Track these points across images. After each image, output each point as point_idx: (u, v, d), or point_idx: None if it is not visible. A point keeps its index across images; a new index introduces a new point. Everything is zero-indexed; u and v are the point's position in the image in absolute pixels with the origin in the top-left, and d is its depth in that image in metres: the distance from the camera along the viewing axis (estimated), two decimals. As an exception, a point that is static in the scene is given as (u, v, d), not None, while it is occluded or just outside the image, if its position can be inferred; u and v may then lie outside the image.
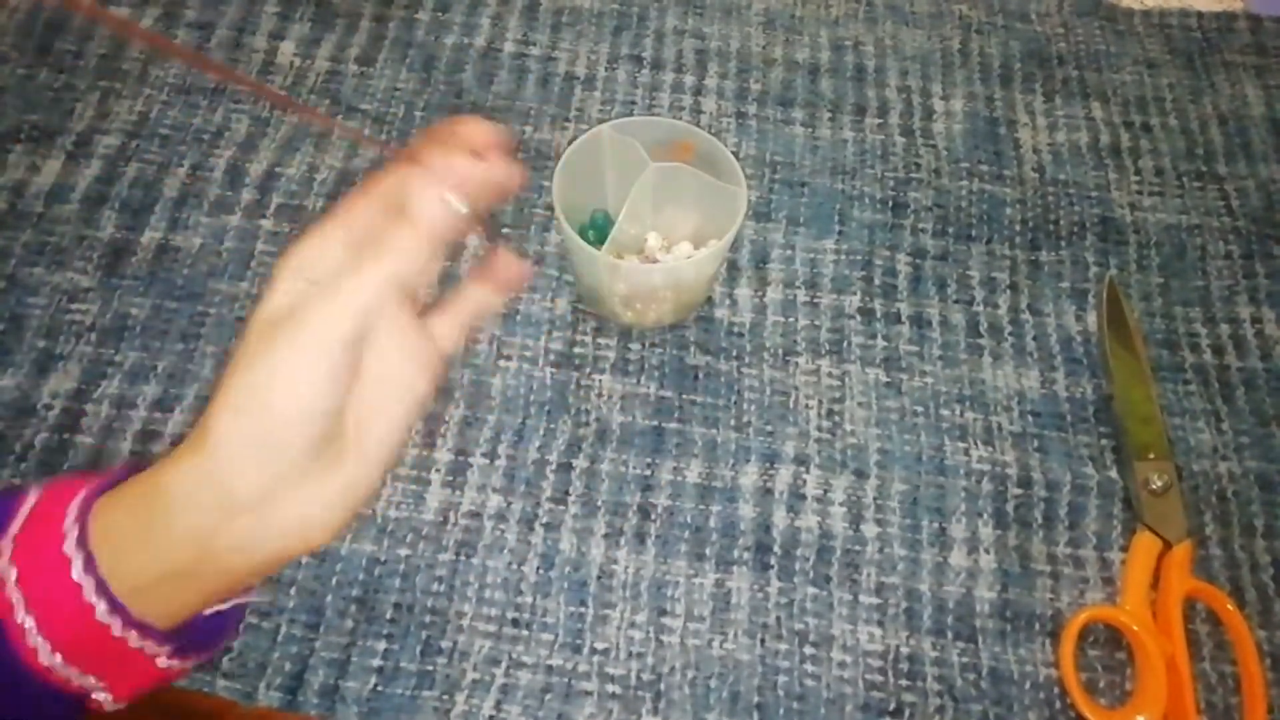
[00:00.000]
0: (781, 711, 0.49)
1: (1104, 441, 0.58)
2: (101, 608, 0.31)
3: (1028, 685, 0.50)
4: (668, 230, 0.59)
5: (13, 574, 0.31)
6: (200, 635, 0.35)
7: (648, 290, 0.56)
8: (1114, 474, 0.57)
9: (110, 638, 0.31)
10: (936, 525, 0.55)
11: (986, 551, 0.54)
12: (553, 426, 0.56)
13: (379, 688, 0.49)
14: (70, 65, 0.68)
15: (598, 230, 0.59)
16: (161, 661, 0.33)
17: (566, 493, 0.55)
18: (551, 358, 0.59)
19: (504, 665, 0.50)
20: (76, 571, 0.31)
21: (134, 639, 0.32)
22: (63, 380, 0.56)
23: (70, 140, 0.65)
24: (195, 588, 0.33)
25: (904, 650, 0.51)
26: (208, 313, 0.59)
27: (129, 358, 0.57)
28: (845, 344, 0.60)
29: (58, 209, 0.62)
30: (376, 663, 0.49)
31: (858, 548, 0.54)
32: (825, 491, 0.55)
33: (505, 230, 0.63)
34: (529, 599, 0.51)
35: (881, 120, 0.70)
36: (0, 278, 0.59)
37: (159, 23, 0.71)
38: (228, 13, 0.72)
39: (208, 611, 0.34)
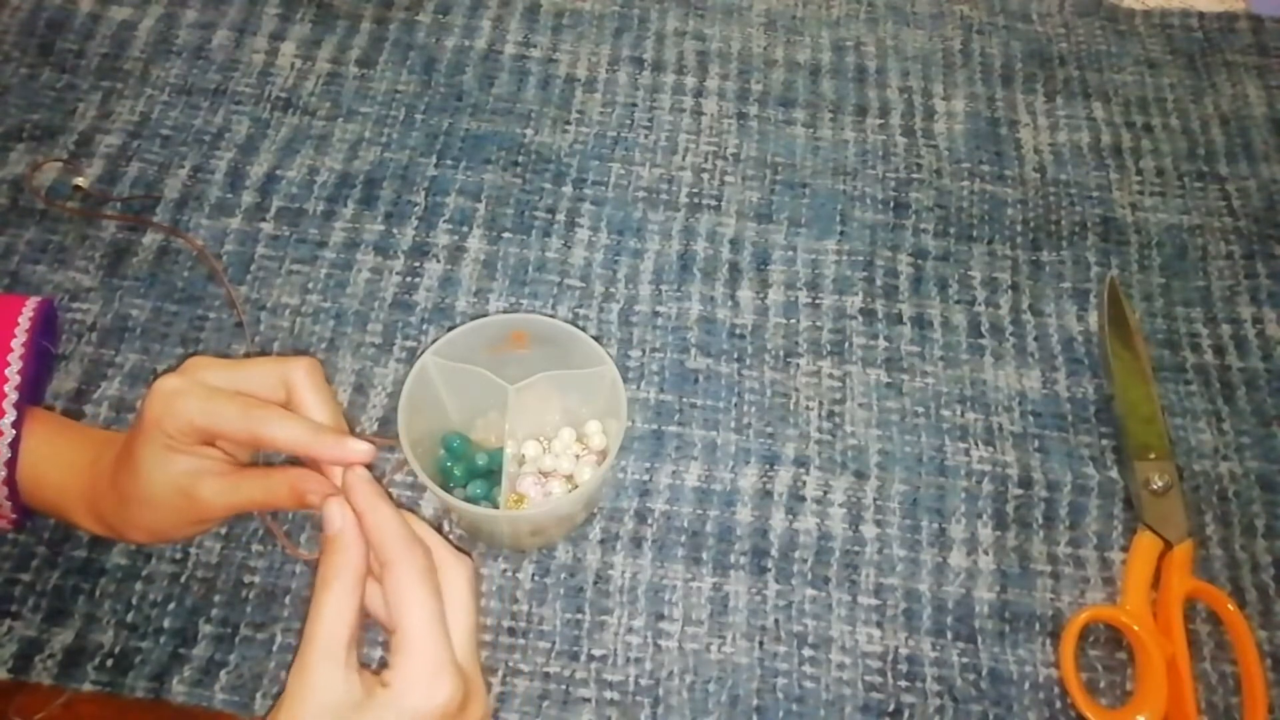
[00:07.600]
0: (781, 714, 0.49)
1: (1105, 441, 0.57)
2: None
3: (1027, 685, 0.50)
4: (541, 429, 0.54)
5: None
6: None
7: (562, 516, 0.51)
8: (1115, 474, 0.56)
9: None
10: (936, 526, 0.55)
11: (986, 552, 0.54)
12: (552, 428, 0.56)
13: (379, 689, 0.49)
14: (72, 65, 0.68)
15: (455, 455, 0.52)
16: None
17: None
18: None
19: (500, 673, 0.50)
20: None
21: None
22: (64, 380, 0.56)
23: (72, 140, 0.65)
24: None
25: (903, 651, 0.51)
26: (207, 316, 0.59)
27: (129, 360, 0.57)
28: (847, 345, 0.60)
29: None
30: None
31: (857, 549, 0.54)
32: (825, 493, 0.55)
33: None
34: (525, 606, 0.51)
35: (883, 121, 0.70)
36: (4, 275, 0.60)
37: (160, 22, 0.71)
38: (228, 13, 0.72)
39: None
